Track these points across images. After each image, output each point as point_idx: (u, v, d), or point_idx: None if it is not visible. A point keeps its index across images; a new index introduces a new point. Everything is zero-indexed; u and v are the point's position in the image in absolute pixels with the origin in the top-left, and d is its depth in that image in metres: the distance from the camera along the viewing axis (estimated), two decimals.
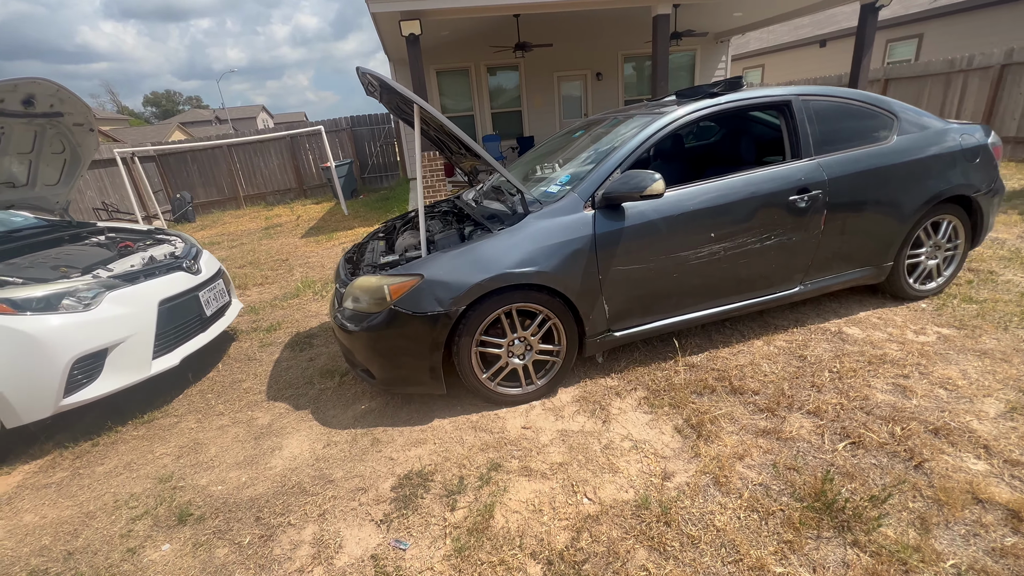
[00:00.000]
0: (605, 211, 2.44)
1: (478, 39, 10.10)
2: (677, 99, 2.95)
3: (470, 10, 7.06)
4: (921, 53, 12.68)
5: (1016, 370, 2.37)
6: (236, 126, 50.33)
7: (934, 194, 2.93)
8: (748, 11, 10.12)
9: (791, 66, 16.50)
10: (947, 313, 3.01)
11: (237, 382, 3.16)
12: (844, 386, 2.38)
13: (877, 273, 3.07)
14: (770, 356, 2.73)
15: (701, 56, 12.54)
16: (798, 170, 2.70)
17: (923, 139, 2.96)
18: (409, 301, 2.28)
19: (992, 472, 1.78)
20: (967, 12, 11.54)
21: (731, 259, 2.65)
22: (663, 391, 2.52)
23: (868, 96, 2.96)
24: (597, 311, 2.52)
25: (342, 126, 12.54)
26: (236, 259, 6.70)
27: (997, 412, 2.09)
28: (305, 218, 9.76)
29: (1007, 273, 3.52)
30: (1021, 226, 4.56)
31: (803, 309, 3.26)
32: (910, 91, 10.05)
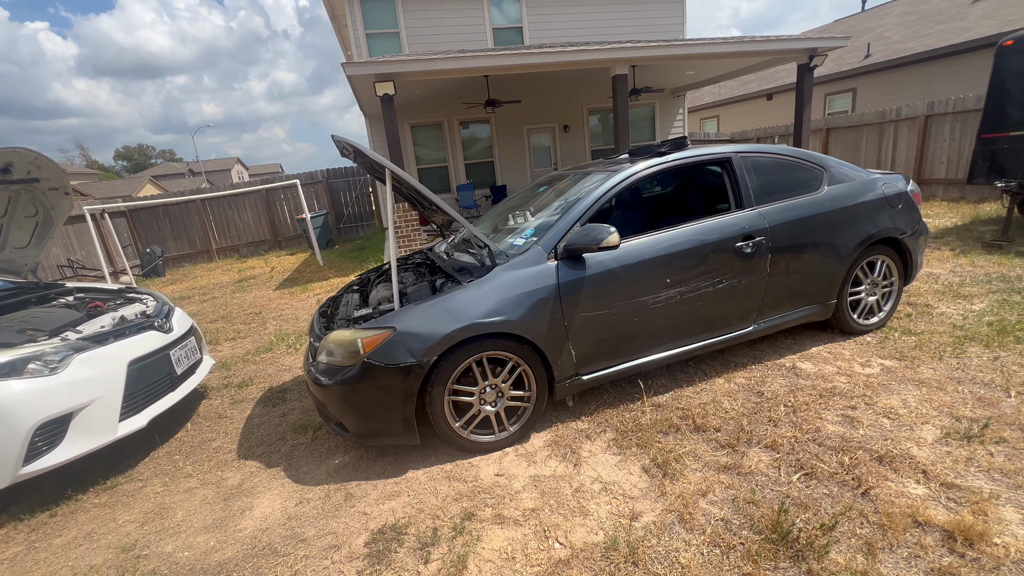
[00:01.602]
0: (568, 262, 2.61)
1: (450, 96, 10.65)
2: (630, 157, 3.23)
3: (441, 72, 7.51)
4: (856, 105, 13.91)
5: (950, 397, 2.56)
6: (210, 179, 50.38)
7: (865, 236, 3.23)
8: (698, 70, 11.03)
9: (743, 117, 17.80)
10: (889, 345, 3.24)
11: (207, 441, 3.10)
12: (798, 419, 2.52)
13: (823, 310, 3.31)
14: (730, 393, 2.88)
15: (660, 109, 13.44)
16: (742, 219, 2.96)
17: (851, 188, 3.29)
18: (382, 353, 2.35)
19: (930, 495, 1.92)
20: (892, 69, 12.84)
21: (688, 302, 2.83)
22: (631, 432, 2.61)
23: (798, 152, 3.29)
24: (565, 356, 2.63)
25: (318, 178, 12.78)
26: (207, 313, 6.62)
27: (934, 438, 2.26)
28: (279, 270, 9.75)
29: (941, 306, 3.82)
30: (953, 261, 4.97)
31: (760, 346, 3.45)
32: (849, 139, 10.97)
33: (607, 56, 7.92)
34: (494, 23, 11.41)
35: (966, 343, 3.14)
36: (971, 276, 4.43)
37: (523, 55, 7.70)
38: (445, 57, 7.40)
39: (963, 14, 12.75)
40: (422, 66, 7.34)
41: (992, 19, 11.49)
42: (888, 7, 17.18)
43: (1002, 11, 11.67)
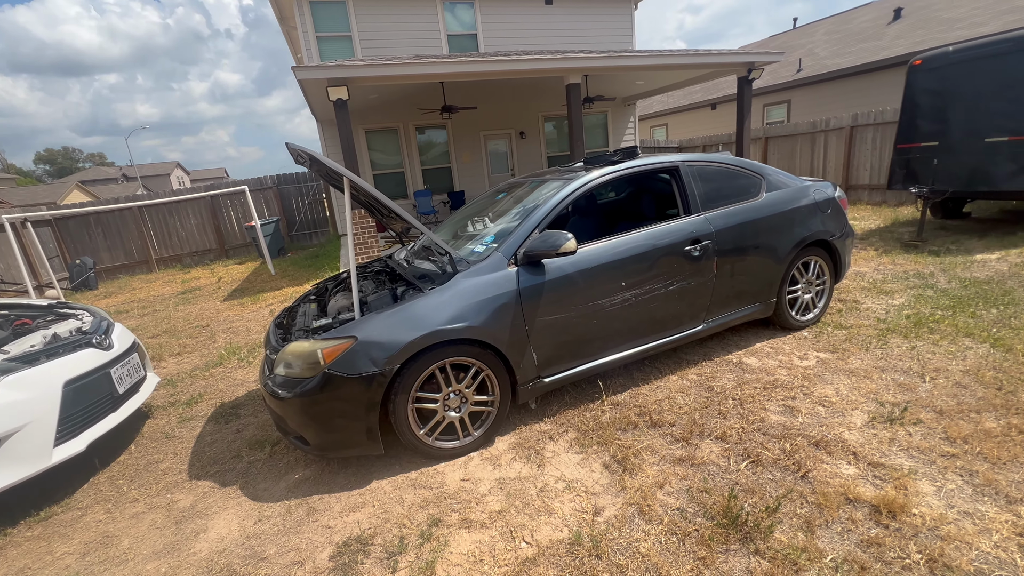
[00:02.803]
0: (527, 267, 2.68)
1: (406, 101, 10.58)
2: (585, 165, 3.35)
3: (396, 78, 7.46)
4: (791, 115, 14.91)
5: (875, 384, 2.82)
6: (147, 184, 47.27)
7: (800, 239, 3.49)
8: (647, 80, 11.48)
9: (690, 125, 18.66)
10: (823, 339, 3.51)
11: (153, 463, 2.94)
12: (745, 411, 2.70)
13: (765, 308, 3.54)
14: (683, 389, 3.03)
15: (612, 117, 13.87)
16: (690, 224, 3.13)
17: (786, 195, 3.55)
18: (343, 364, 2.33)
19: (860, 475, 2.11)
20: (822, 83, 13.86)
21: (642, 304, 2.97)
22: (592, 430, 2.70)
23: (739, 160, 3.52)
24: (527, 360, 2.69)
25: (268, 184, 12.31)
26: (149, 328, 6.24)
27: (862, 422, 2.48)
28: (227, 280, 9.32)
29: (867, 301, 4.18)
30: (877, 260, 5.43)
31: (710, 344, 3.65)
32: (786, 148, 11.74)
33: (561, 65, 8.12)
34: (448, 29, 11.43)
35: (888, 335, 3.45)
36: (892, 273, 4.87)
37: (479, 62, 7.77)
38: (401, 63, 7.36)
39: (880, 34, 13.97)
40: (377, 71, 7.27)
41: (905, 39, 12.65)
42: (816, 25, 18.55)
43: (914, 32, 12.88)
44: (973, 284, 4.29)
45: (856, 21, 16.23)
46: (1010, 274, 4.47)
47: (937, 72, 5.97)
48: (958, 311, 3.72)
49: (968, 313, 3.66)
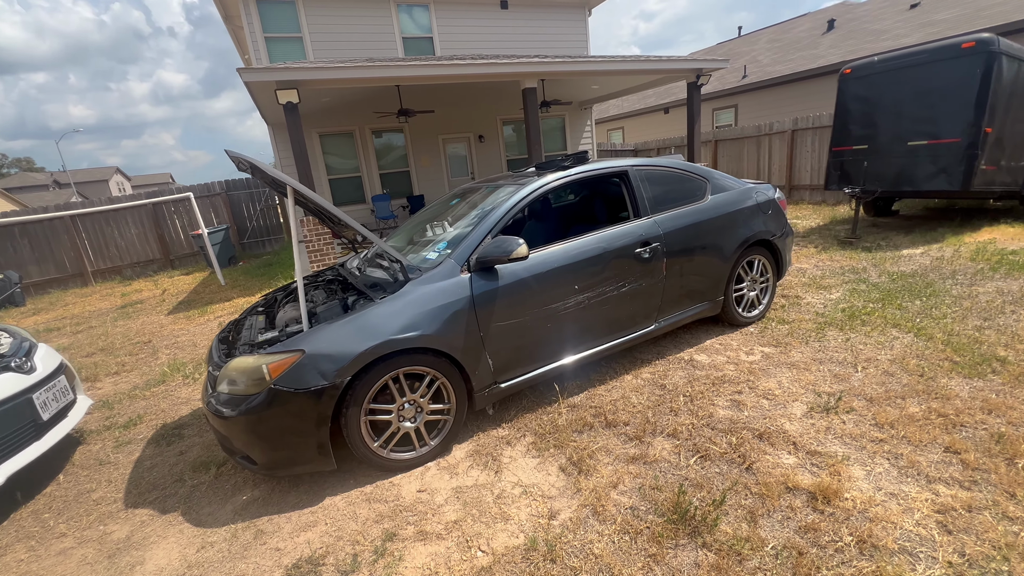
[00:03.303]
0: (480, 273, 2.67)
1: (361, 105, 10.37)
2: (536, 170, 3.38)
3: (349, 81, 7.31)
4: (739, 119, 15.61)
5: (813, 376, 2.98)
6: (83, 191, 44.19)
7: (744, 239, 3.65)
8: (602, 85, 11.74)
9: (645, 128, 19.21)
10: (768, 334, 3.69)
11: (84, 493, 2.74)
12: (695, 407, 2.79)
13: (714, 306, 3.68)
14: (638, 388, 3.10)
15: (570, 120, 14.08)
16: (639, 227, 3.22)
17: (730, 197, 3.71)
18: (291, 378, 2.25)
19: (799, 463, 2.22)
20: (765, 88, 14.59)
21: (596, 306, 3.02)
22: (549, 434, 2.72)
23: (685, 164, 3.65)
24: (482, 366, 2.69)
25: (216, 190, 11.77)
26: (83, 346, 5.82)
27: (801, 413, 2.61)
28: (173, 291, 8.84)
29: (808, 296, 4.42)
30: (817, 257, 5.75)
31: (663, 343, 3.75)
32: (734, 150, 12.27)
33: (516, 70, 8.18)
34: (404, 32, 11.29)
35: (826, 328, 3.66)
36: (830, 269, 5.17)
37: (434, 66, 7.73)
38: (353, 66, 7.22)
39: (816, 43, 14.85)
40: (329, 74, 7.10)
41: (838, 48, 13.50)
42: (759, 34, 19.52)
43: (846, 42, 13.76)
44: (900, 278, 4.61)
45: (795, 31, 17.19)
46: (931, 267, 4.83)
47: (865, 80, 6.41)
48: (887, 303, 3.99)
49: (895, 305, 3.93)
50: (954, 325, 3.44)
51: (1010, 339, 3.13)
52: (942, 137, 5.74)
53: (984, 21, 10.37)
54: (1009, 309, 3.61)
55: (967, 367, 2.85)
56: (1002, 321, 3.42)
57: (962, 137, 5.56)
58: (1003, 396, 2.53)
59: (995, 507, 1.84)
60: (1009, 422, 2.31)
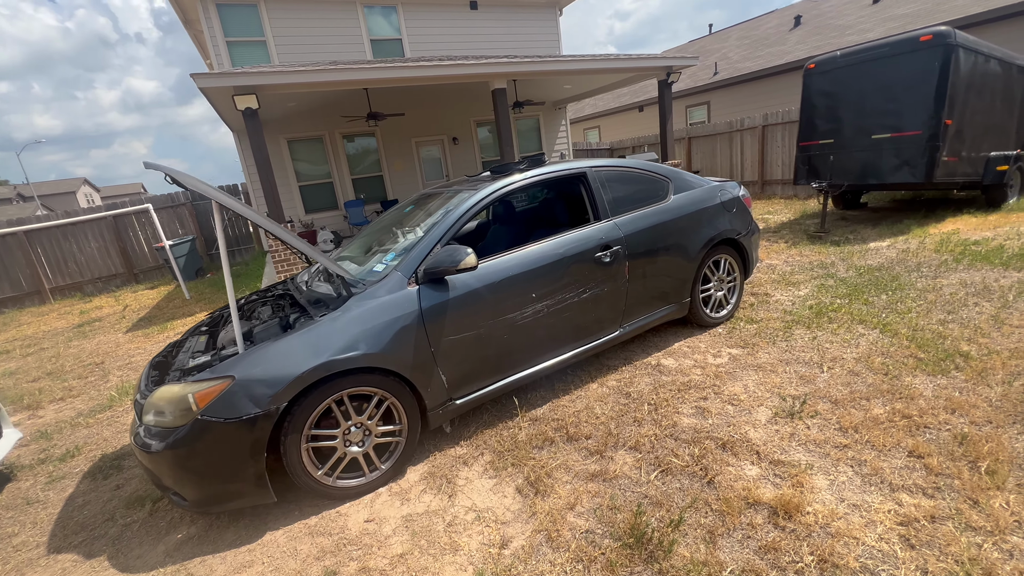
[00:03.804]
0: (430, 285, 2.53)
1: (329, 109, 10.13)
2: (491, 175, 3.25)
3: (311, 85, 7.09)
4: (711, 116, 15.73)
5: (779, 378, 2.91)
6: (48, 204, 42.68)
7: (709, 238, 3.58)
8: (575, 84, 11.69)
9: (620, 127, 19.26)
10: (736, 335, 3.62)
11: (5, 539, 2.51)
12: (659, 416, 2.69)
13: (680, 308, 3.60)
14: (602, 397, 3.00)
15: (544, 120, 14.01)
16: (599, 230, 3.11)
17: (694, 196, 3.63)
18: (220, 407, 2.08)
19: (762, 474, 2.13)
20: (736, 85, 14.72)
21: (556, 314, 2.90)
22: (508, 451, 2.59)
23: (646, 164, 3.57)
24: (435, 383, 2.55)
25: (180, 200, 11.38)
26: (30, 371, 5.51)
27: (766, 419, 2.53)
28: (135, 307, 8.49)
29: (777, 294, 4.38)
30: (787, 253, 5.74)
31: (631, 347, 3.66)
32: (707, 147, 12.33)
33: (484, 71, 8.06)
34: (372, 34, 11.08)
35: (793, 326, 3.61)
36: (799, 265, 5.16)
37: (398, 68, 7.55)
38: (314, 69, 7.00)
39: (784, 39, 15.04)
40: (288, 78, 6.87)
41: (805, 44, 13.68)
42: (729, 31, 19.74)
43: (812, 38, 13.96)
44: (867, 272, 4.61)
45: (763, 27, 17.41)
46: (897, 260, 4.84)
47: (829, 75, 6.44)
48: (854, 299, 3.96)
49: (862, 300, 3.90)
50: (919, 320, 3.41)
51: (973, 333, 3.11)
52: (904, 130, 5.78)
53: (943, 15, 10.60)
54: (972, 301, 3.60)
55: (931, 363, 2.80)
56: (965, 314, 3.41)
57: (923, 129, 5.61)
58: (966, 394, 2.48)
59: (958, 516, 1.77)
60: (972, 421, 2.26)
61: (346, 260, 3.24)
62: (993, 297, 3.63)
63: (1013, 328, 3.10)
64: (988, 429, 2.18)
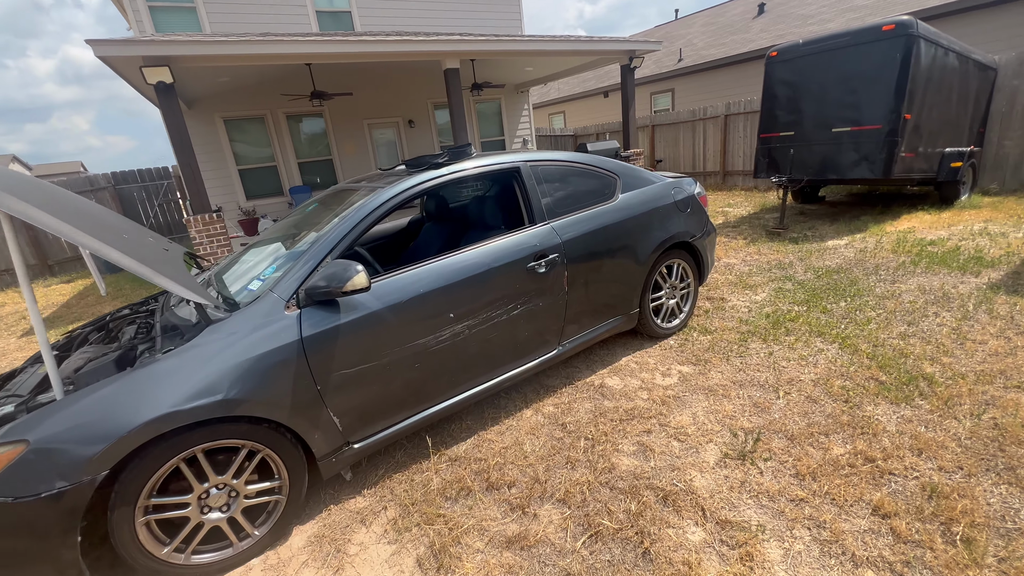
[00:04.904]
0: (314, 308, 2.05)
1: (269, 86, 9.27)
2: (406, 169, 2.77)
3: (236, 58, 6.32)
4: (676, 103, 15.50)
5: (732, 405, 2.59)
6: None
7: (659, 242, 3.21)
8: (536, 67, 11.15)
9: (585, 113, 18.84)
10: (688, 348, 3.30)
11: None
12: (595, 456, 2.32)
13: (628, 320, 3.24)
14: (535, 429, 2.61)
15: (506, 104, 13.43)
16: (532, 236, 2.69)
17: (643, 195, 3.25)
18: (10, 481, 1.56)
19: (707, 541, 1.79)
20: (701, 72, 14.50)
21: (480, 336, 2.48)
22: (417, 503, 2.17)
23: (591, 159, 3.15)
24: (325, 427, 2.09)
25: (101, 184, 10.29)
26: None
27: (715, 460, 2.20)
28: (43, 305, 7.57)
29: (733, 298, 4.09)
30: (745, 251, 5.50)
31: (575, 362, 3.29)
32: (670, 135, 12.08)
33: (434, 48, 7.45)
34: (317, 6, 10.20)
35: (749, 339, 3.32)
36: (757, 265, 4.91)
37: (335, 43, 6.84)
38: (238, 40, 6.22)
39: (748, 27, 14.88)
40: (207, 49, 6.08)
41: (768, 32, 13.55)
42: (694, 17, 19.50)
43: (776, 26, 13.84)
44: (825, 274, 4.39)
45: (728, 14, 17.23)
46: (855, 261, 4.66)
47: (791, 64, 6.18)
48: (812, 306, 3.71)
49: (820, 308, 3.66)
50: (879, 332, 3.17)
51: (935, 350, 2.88)
52: (864, 123, 5.59)
53: (902, 7, 10.58)
54: (932, 311, 3.40)
55: (893, 389, 2.54)
56: (926, 326, 3.19)
57: (883, 123, 5.43)
58: (933, 429, 2.22)
59: None
60: (941, 467, 1.98)
61: (235, 272, 2.71)
62: (953, 306, 3.43)
63: (976, 345, 2.89)
64: (959, 478, 1.91)
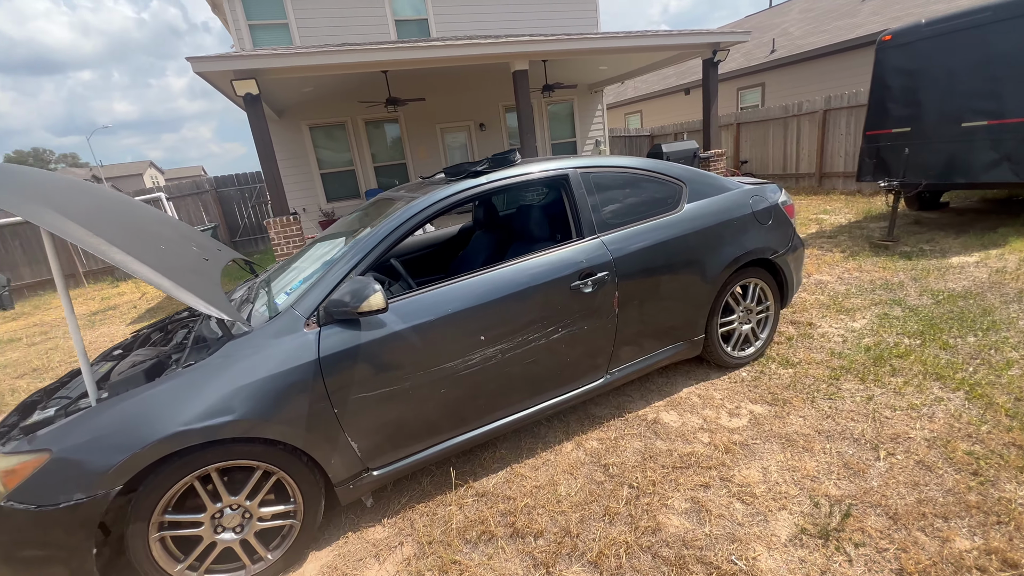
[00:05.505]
0: (334, 327, 1.94)
1: (349, 94, 9.73)
2: (445, 178, 2.61)
3: (316, 68, 6.63)
4: (765, 99, 14.19)
5: (815, 463, 2.13)
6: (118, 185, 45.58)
7: (732, 259, 2.79)
8: (610, 65, 10.70)
9: (664, 111, 17.89)
10: (763, 383, 2.83)
11: None
12: (638, 510, 2.00)
13: (691, 347, 2.85)
14: (574, 468, 2.33)
15: (578, 105, 13.08)
16: (579, 252, 2.40)
17: (714, 205, 2.84)
18: (32, 490, 1.59)
19: None
20: (796, 64, 13.14)
21: (514, 361, 2.25)
22: (435, 542, 1.99)
23: (654, 164, 2.80)
24: (342, 452, 1.97)
25: (205, 187, 11.42)
26: (21, 364, 5.43)
27: (788, 534, 1.79)
28: (151, 296, 8.50)
29: (824, 324, 3.50)
30: (842, 266, 4.76)
31: (628, 391, 2.95)
32: (758, 134, 11.05)
33: (502, 50, 7.35)
34: (397, 15, 10.57)
35: (842, 376, 2.77)
36: (857, 284, 4.20)
37: (407, 49, 6.96)
38: (314, 51, 6.53)
39: (855, 11, 13.24)
40: (288, 61, 6.43)
41: (880, 15, 11.94)
42: (791, 4, 17.77)
43: (889, 8, 12.17)
44: (948, 299, 3.62)
45: None
46: (990, 284, 3.81)
47: (908, 48, 5.27)
48: (928, 340, 3.05)
49: (940, 343, 2.99)
50: (1023, 380, 2.50)
51: None
52: (1007, 116, 4.60)
53: None
54: None
55: None
56: None
57: None
58: None
59: None
60: None
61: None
62: None
63: None
64: None
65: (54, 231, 1.62)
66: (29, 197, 1.69)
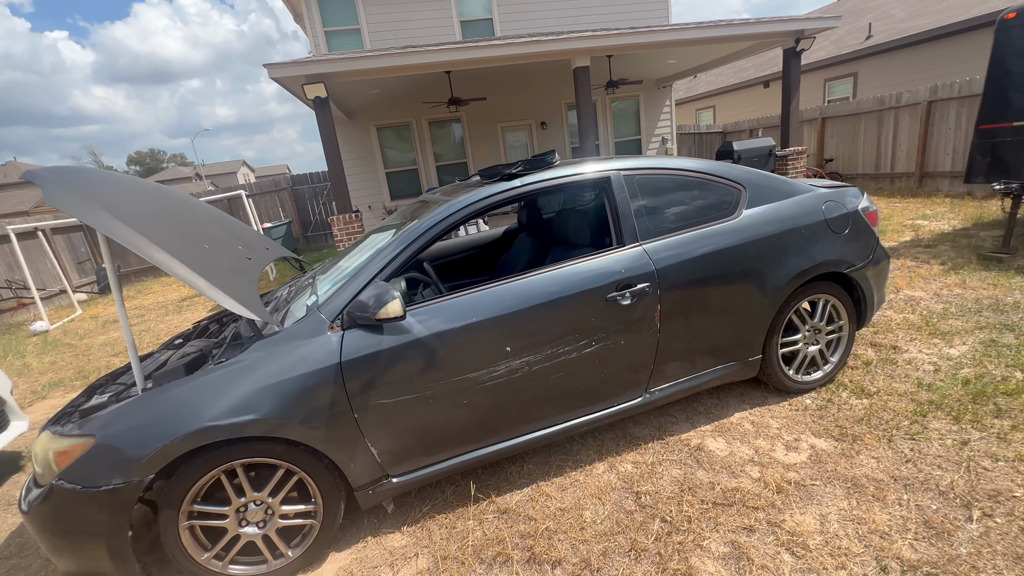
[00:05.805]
0: (357, 331, 1.93)
1: (413, 95, 10.01)
2: (480, 180, 2.53)
3: (380, 71, 6.85)
4: (858, 91, 12.85)
5: (888, 516, 1.82)
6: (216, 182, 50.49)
7: (797, 272, 2.48)
8: (680, 59, 10.18)
9: (739, 106, 16.77)
10: (830, 414, 2.49)
11: None
12: (669, 549, 1.81)
13: (745, 368, 2.57)
14: (603, 492, 2.17)
15: (644, 101, 12.59)
16: (617, 261, 2.23)
17: (778, 211, 2.54)
18: (78, 472, 1.71)
19: None
20: (896, 50, 11.77)
21: (542, 374, 2.13)
22: (450, 558, 1.93)
23: (710, 166, 2.55)
24: (362, 457, 1.96)
25: (282, 185, 12.25)
26: (119, 343, 6.09)
27: None
28: None
29: (912, 348, 3.04)
30: (941, 280, 4.14)
31: (672, 410, 2.73)
32: (846, 128, 10.04)
33: (562, 47, 7.20)
34: (462, 15, 10.72)
35: (930, 413, 2.38)
36: (958, 302, 3.63)
37: (470, 48, 6.99)
38: (381, 54, 6.74)
39: None
40: (355, 64, 6.69)
41: None
42: None
43: None
44: None
45: None
46: None
47: None
48: None
49: None
50: None
51: None
52: None
53: None
54: None
55: None
56: None
57: None
58: None
59: None
60: None
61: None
62: None
63: None
64: None
65: (101, 229, 1.73)
66: (82, 197, 1.82)
